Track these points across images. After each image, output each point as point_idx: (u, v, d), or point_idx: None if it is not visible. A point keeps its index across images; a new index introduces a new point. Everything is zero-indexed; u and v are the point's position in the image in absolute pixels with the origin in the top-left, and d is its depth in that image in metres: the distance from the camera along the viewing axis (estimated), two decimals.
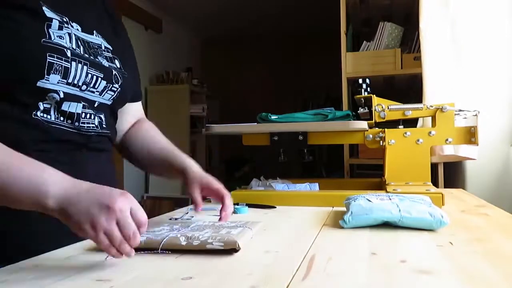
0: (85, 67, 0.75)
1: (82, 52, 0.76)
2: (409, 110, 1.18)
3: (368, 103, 1.22)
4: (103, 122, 0.83)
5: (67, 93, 0.73)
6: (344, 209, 0.85)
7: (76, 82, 0.74)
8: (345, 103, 2.13)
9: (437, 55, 1.74)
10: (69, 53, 0.72)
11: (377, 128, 1.18)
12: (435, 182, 1.64)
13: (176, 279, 0.50)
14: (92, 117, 0.80)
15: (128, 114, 0.97)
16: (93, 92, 0.78)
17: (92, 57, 0.78)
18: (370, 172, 2.33)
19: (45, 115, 0.71)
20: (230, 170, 5.00)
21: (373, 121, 1.20)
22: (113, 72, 0.82)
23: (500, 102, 1.79)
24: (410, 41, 2.22)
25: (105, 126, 0.83)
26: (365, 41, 2.23)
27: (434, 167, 1.76)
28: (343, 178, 2.05)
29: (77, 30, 0.77)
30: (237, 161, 5.03)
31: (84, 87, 0.76)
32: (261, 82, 5.33)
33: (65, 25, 0.74)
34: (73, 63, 0.72)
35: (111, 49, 0.85)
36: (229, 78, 5.42)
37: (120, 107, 0.90)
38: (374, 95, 1.22)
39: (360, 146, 2.14)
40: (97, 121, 0.81)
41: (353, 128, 1.13)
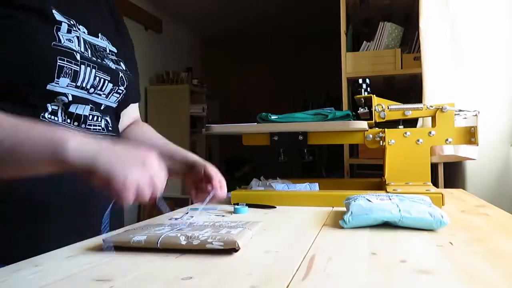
0: (94, 70, 0.75)
1: (90, 55, 0.76)
2: (409, 110, 1.18)
3: (368, 103, 1.22)
4: (109, 125, 0.83)
5: (75, 95, 0.73)
6: (344, 209, 0.85)
7: (84, 85, 0.74)
8: (345, 103, 2.13)
9: (437, 55, 1.74)
10: (78, 57, 0.72)
11: (377, 128, 1.18)
12: (435, 182, 1.64)
13: (176, 279, 0.50)
14: (99, 119, 0.80)
15: (125, 115, 0.97)
16: (100, 94, 0.78)
17: (100, 60, 0.78)
18: (370, 172, 2.33)
19: (52, 117, 0.71)
20: (230, 170, 5.00)
21: (373, 121, 1.20)
22: (119, 74, 0.82)
23: (500, 102, 1.79)
24: (410, 41, 2.22)
25: (111, 129, 0.84)
26: (365, 41, 2.23)
27: (434, 167, 1.76)
28: (343, 178, 2.05)
29: (84, 33, 0.78)
30: (237, 161, 5.03)
31: (92, 90, 0.76)
32: (261, 82, 5.33)
33: (73, 28, 0.74)
34: (82, 66, 0.72)
35: (115, 52, 0.85)
36: (229, 78, 5.42)
37: (123, 109, 0.90)
38: (374, 95, 1.22)
39: (360, 146, 2.14)
40: (103, 123, 0.81)
41: (353, 128, 1.13)
